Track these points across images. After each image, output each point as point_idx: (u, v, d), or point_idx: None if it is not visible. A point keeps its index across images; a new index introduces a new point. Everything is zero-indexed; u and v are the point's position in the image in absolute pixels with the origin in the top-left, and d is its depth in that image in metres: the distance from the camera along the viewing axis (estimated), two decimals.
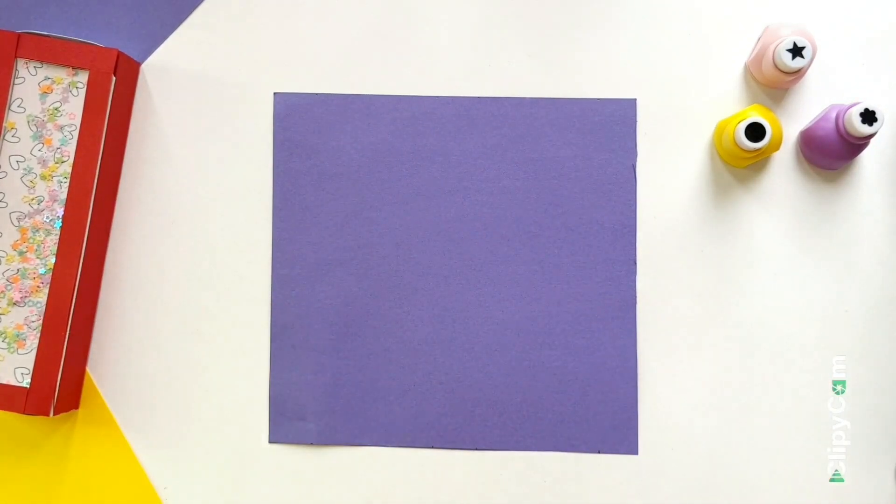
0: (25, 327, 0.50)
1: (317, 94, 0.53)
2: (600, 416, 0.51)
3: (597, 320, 0.52)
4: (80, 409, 0.53)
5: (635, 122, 0.52)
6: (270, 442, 0.52)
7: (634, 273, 0.52)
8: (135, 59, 0.53)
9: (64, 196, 0.50)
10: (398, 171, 0.53)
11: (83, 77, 0.50)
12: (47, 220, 0.50)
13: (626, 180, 0.52)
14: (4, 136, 0.50)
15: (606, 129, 0.52)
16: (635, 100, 0.52)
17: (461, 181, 0.52)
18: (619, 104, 0.52)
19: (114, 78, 0.50)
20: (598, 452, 0.51)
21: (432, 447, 0.52)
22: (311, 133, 0.53)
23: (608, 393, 0.52)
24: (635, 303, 0.52)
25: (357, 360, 0.49)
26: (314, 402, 0.52)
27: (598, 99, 0.52)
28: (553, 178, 0.52)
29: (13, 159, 0.50)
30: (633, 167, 0.52)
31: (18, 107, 0.50)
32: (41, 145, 0.50)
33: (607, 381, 0.52)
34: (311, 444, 0.52)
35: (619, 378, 0.51)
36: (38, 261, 0.50)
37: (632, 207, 0.52)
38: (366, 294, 0.52)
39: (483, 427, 0.52)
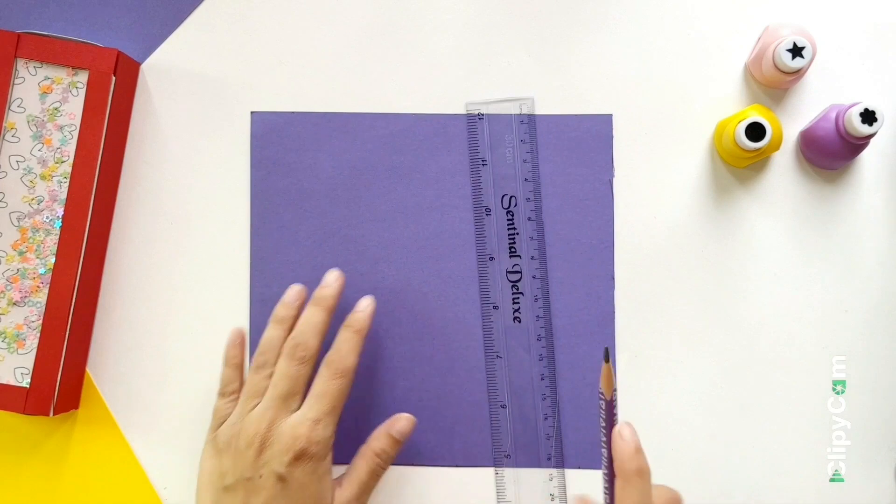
0: (25, 327, 0.50)
1: (294, 112, 0.53)
2: (580, 431, 0.52)
3: (576, 336, 0.52)
4: (80, 409, 0.53)
5: (612, 137, 0.52)
6: None
7: (612, 288, 0.52)
8: (135, 59, 0.53)
9: (64, 196, 0.50)
10: (376, 188, 0.53)
11: (83, 77, 0.50)
12: (47, 220, 0.50)
13: (604, 196, 0.52)
14: (4, 136, 0.50)
15: (584, 145, 0.52)
16: (611, 115, 0.52)
17: (439, 198, 0.52)
18: (596, 120, 0.52)
19: (114, 78, 0.50)
20: (578, 468, 0.51)
21: (412, 464, 0.52)
22: (289, 151, 0.53)
23: (589, 408, 0.52)
24: (614, 318, 0.52)
25: None
26: None
27: (576, 115, 0.52)
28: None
29: (13, 159, 0.50)
30: (610, 182, 0.52)
31: (18, 107, 0.50)
32: (41, 145, 0.50)
33: (587, 396, 0.52)
34: None
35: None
36: (37, 261, 0.50)
37: (609, 223, 0.52)
38: (344, 312, 0.52)
39: (464, 444, 0.52)
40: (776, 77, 0.50)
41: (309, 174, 0.53)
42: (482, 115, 0.52)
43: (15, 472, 0.53)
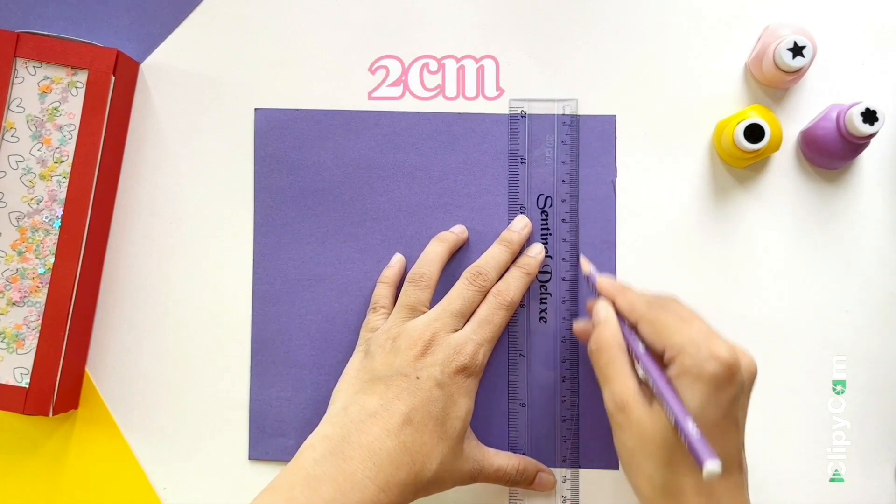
0: (24, 327, 0.50)
1: (297, 109, 0.53)
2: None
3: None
4: (80, 410, 0.53)
5: (615, 138, 0.52)
6: (251, 459, 0.52)
7: None
8: (134, 58, 0.53)
9: (63, 196, 0.50)
10: (379, 186, 0.53)
11: (82, 77, 0.50)
12: (46, 220, 0.50)
13: (607, 196, 0.52)
14: (4, 135, 0.50)
15: (587, 146, 0.52)
16: (615, 116, 0.52)
17: (442, 197, 0.52)
18: (599, 121, 0.52)
19: (113, 78, 0.50)
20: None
21: None
22: (292, 149, 0.53)
23: (588, 407, 0.52)
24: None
25: (337, 376, 0.49)
26: (294, 418, 0.52)
27: (578, 116, 0.52)
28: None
29: (12, 159, 0.50)
30: (613, 183, 0.52)
31: (17, 106, 0.50)
32: (40, 145, 0.50)
33: (588, 394, 0.52)
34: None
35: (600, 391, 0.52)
36: (37, 261, 0.50)
37: (612, 224, 0.52)
38: (346, 310, 0.52)
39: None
40: (776, 77, 0.50)
41: (312, 171, 0.53)
42: (525, 113, 0.52)
43: (15, 472, 0.53)
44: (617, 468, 0.51)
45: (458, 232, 0.52)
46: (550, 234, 0.52)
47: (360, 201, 0.53)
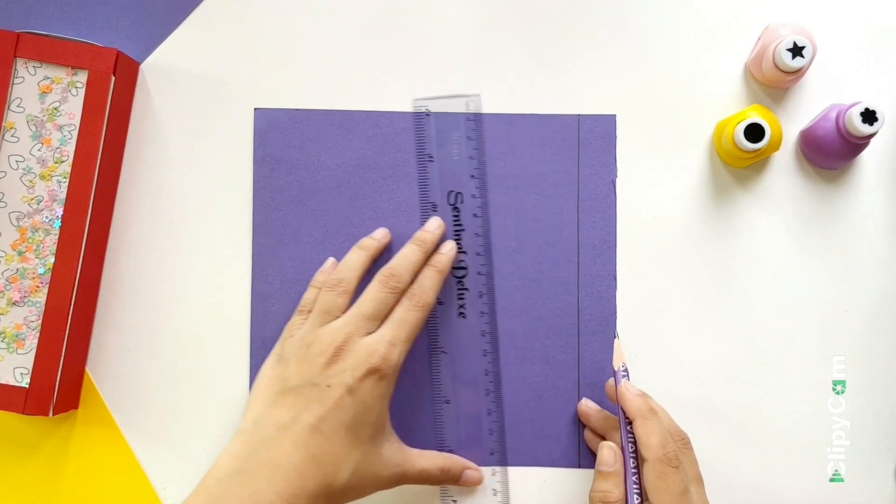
0: (24, 327, 0.50)
1: (297, 109, 0.53)
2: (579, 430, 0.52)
3: (578, 335, 0.52)
4: (80, 409, 0.53)
5: (615, 137, 0.52)
6: None
7: (614, 288, 0.52)
8: (134, 58, 0.53)
9: (63, 196, 0.50)
10: (378, 186, 0.53)
11: (82, 77, 0.50)
12: (46, 220, 0.50)
13: (607, 196, 0.52)
14: (4, 135, 0.50)
15: (587, 145, 0.52)
16: (615, 115, 0.52)
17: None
18: (599, 120, 0.52)
19: (113, 78, 0.50)
20: (577, 467, 0.51)
21: None
22: (292, 148, 0.53)
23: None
24: (615, 317, 0.52)
25: None
26: None
27: (578, 115, 0.52)
28: (533, 193, 0.52)
29: (12, 159, 0.50)
30: (613, 183, 0.52)
31: (18, 106, 0.50)
32: (40, 145, 0.50)
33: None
34: None
35: (600, 391, 0.52)
36: (37, 261, 0.50)
37: (612, 223, 0.52)
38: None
39: (460, 442, 0.52)
40: (776, 77, 0.50)
41: (312, 171, 0.53)
42: (429, 112, 0.52)
43: (15, 472, 0.53)
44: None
45: (380, 237, 0.51)
46: (463, 230, 0.52)
47: (359, 201, 0.53)
